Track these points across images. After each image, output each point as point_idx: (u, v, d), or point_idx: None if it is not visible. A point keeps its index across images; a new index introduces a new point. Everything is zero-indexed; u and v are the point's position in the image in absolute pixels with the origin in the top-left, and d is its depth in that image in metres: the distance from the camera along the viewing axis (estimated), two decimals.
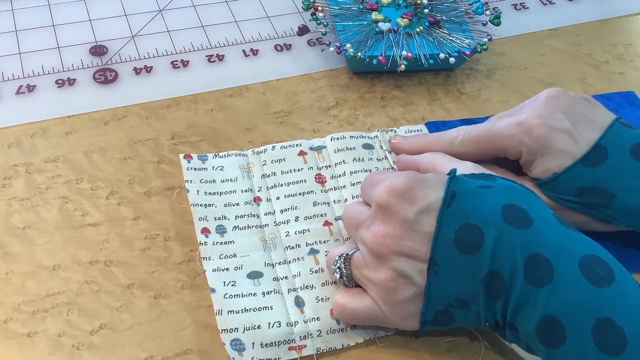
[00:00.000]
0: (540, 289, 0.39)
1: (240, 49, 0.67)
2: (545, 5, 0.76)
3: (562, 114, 0.49)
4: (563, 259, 0.39)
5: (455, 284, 0.42)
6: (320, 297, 0.47)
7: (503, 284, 0.40)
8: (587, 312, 0.38)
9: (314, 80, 0.64)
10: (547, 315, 0.39)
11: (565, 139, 0.49)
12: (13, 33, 0.66)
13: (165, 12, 0.70)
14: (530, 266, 0.40)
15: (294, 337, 0.45)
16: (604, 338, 0.37)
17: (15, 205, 0.52)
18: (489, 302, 0.41)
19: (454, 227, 0.41)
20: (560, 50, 0.70)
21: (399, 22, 0.65)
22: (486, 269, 0.40)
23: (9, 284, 0.47)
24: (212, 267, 0.48)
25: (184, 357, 0.45)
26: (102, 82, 0.62)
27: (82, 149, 0.56)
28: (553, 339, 0.39)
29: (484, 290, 0.41)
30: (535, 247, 0.40)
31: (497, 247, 0.40)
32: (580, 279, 0.39)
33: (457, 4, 0.67)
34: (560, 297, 0.39)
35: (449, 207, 0.42)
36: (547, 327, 0.39)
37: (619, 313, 0.38)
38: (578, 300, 0.38)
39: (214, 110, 0.60)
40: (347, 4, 0.67)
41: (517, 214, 0.41)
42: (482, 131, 0.52)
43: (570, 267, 0.39)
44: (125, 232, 0.51)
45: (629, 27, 0.75)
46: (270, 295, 0.47)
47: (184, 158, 0.54)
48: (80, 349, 0.45)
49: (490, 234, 0.40)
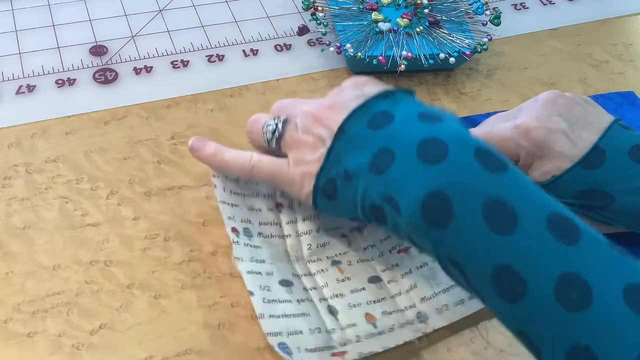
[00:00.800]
0: (433, 165, 0.39)
1: (240, 49, 0.67)
2: (545, 5, 0.76)
3: (559, 116, 0.49)
4: (460, 145, 0.39)
5: (350, 154, 0.43)
6: (352, 304, 0.47)
7: (391, 159, 0.40)
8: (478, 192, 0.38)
9: (314, 80, 0.64)
10: (436, 191, 0.38)
11: (564, 142, 0.48)
12: (13, 33, 0.66)
13: (165, 12, 0.70)
14: (423, 147, 0.40)
15: (334, 343, 0.45)
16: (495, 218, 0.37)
17: (15, 205, 0.52)
18: (371, 177, 0.41)
19: (375, 110, 0.43)
20: (560, 50, 0.70)
21: (398, 22, 0.65)
22: (381, 145, 0.41)
23: (9, 284, 0.47)
24: (247, 269, 0.46)
25: (184, 357, 0.45)
26: (102, 82, 0.62)
27: (82, 149, 0.56)
28: (440, 216, 0.38)
29: (370, 163, 0.41)
30: (432, 133, 0.40)
31: (400, 130, 0.41)
32: (471, 161, 0.39)
33: (457, 4, 0.67)
34: (450, 177, 0.38)
35: (383, 97, 0.44)
36: (434, 204, 0.38)
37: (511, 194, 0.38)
38: (468, 180, 0.38)
39: (214, 110, 0.60)
40: (347, 4, 0.67)
41: (431, 114, 0.42)
42: (479, 135, 0.52)
43: (465, 154, 0.39)
44: (125, 232, 0.51)
45: (629, 27, 0.75)
46: (305, 303, 0.46)
47: None
48: (80, 349, 0.45)
49: (399, 120, 0.42)
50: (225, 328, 0.47)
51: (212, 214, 0.52)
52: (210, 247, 0.51)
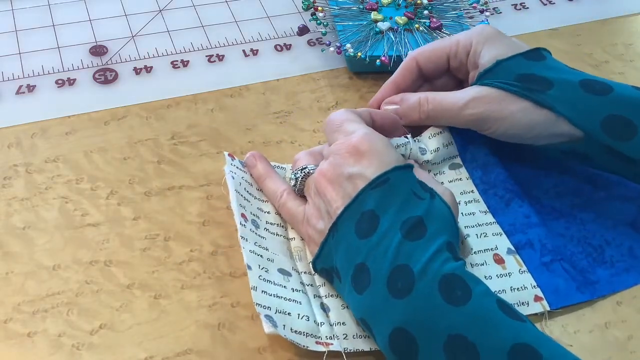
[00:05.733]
0: (399, 300, 0.41)
1: (240, 49, 0.67)
2: (545, 5, 0.76)
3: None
4: (427, 275, 0.41)
5: (338, 254, 0.45)
6: (345, 305, 0.47)
7: (367, 280, 0.42)
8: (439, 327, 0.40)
9: (314, 80, 0.64)
10: (400, 327, 0.41)
11: (510, 40, 0.54)
12: (13, 33, 0.66)
13: (165, 12, 0.70)
14: (392, 277, 0.41)
15: (320, 334, 0.45)
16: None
17: (15, 205, 0.52)
18: (352, 293, 0.43)
19: (364, 208, 0.44)
20: (560, 50, 0.70)
21: (397, 21, 0.65)
22: (361, 259, 0.43)
23: (9, 284, 0.47)
24: (249, 249, 0.47)
25: (184, 357, 0.45)
26: (102, 82, 0.62)
27: (82, 149, 0.56)
28: (407, 352, 0.40)
29: (352, 276, 0.44)
30: (404, 258, 0.42)
31: (378, 245, 0.43)
32: (435, 294, 0.40)
33: (457, 4, 0.67)
34: (414, 313, 0.40)
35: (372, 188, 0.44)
36: (400, 340, 0.41)
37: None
38: (429, 316, 0.40)
39: (214, 110, 0.60)
40: (347, 4, 0.67)
41: (416, 228, 0.43)
42: (436, 42, 0.57)
43: (430, 286, 0.41)
44: (125, 232, 0.51)
45: (629, 27, 0.75)
46: (299, 293, 0.47)
47: (227, 155, 0.53)
48: (80, 349, 0.45)
49: (381, 230, 0.43)
50: (225, 328, 0.47)
51: (212, 214, 0.52)
52: (210, 247, 0.51)
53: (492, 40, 0.54)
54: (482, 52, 0.54)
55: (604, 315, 0.49)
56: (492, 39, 0.54)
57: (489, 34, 0.54)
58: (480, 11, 0.67)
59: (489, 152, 0.55)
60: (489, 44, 0.54)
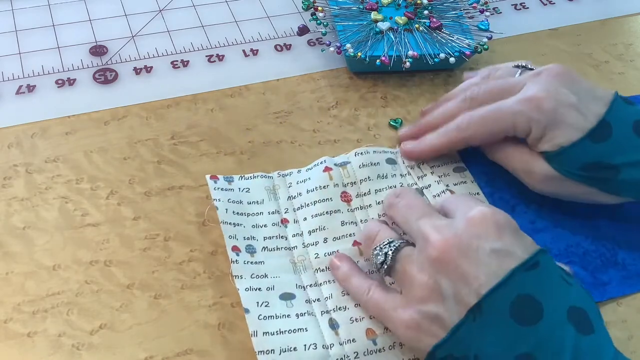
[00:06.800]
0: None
1: (240, 49, 0.67)
2: (545, 5, 0.76)
3: (567, 89, 0.51)
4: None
5: (486, 339, 0.39)
6: (354, 318, 0.46)
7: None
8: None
9: (314, 80, 0.64)
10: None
11: (574, 114, 0.50)
12: (13, 33, 0.66)
13: (165, 12, 0.70)
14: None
15: (330, 358, 0.44)
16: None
17: (15, 205, 0.52)
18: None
19: (520, 291, 0.40)
20: (560, 50, 0.70)
21: (397, 21, 0.65)
22: (526, 349, 0.39)
23: (9, 284, 0.47)
24: (245, 286, 0.47)
25: (184, 357, 0.45)
26: (102, 82, 0.62)
27: (82, 149, 0.56)
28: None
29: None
30: (588, 357, 0.39)
31: (550, 335, 0.39)
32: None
33: (457, 4, 0.67)
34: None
35: (526, 270, 0.40)
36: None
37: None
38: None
39: (214, 110, 0.60)
40: (347, 4, 0.67)
41: (582, 317, 0.40)
42: (489, 112, 0.52)
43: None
44: (125, 232, 0.51)
45: (629, 27, 0.75)
46: (304, 317, 0.46)
47: (210, 179, 0.52)
48: (80, 349, 0.45)
49: (547, 319, 0.39)
50: (225, 328, 0.47)
51: (212, 214, 0.52)
52: (210, 247, 0.51)
53: (552, 121, 0.50)
54: (543, 138, 0.50)
55: (604, 315, 0.49)
56: (552, 117, 0.50)
57: (549, 111, 0.50)
58: (480, 11, 0.67)
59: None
60: (551, 127, 0.50)
